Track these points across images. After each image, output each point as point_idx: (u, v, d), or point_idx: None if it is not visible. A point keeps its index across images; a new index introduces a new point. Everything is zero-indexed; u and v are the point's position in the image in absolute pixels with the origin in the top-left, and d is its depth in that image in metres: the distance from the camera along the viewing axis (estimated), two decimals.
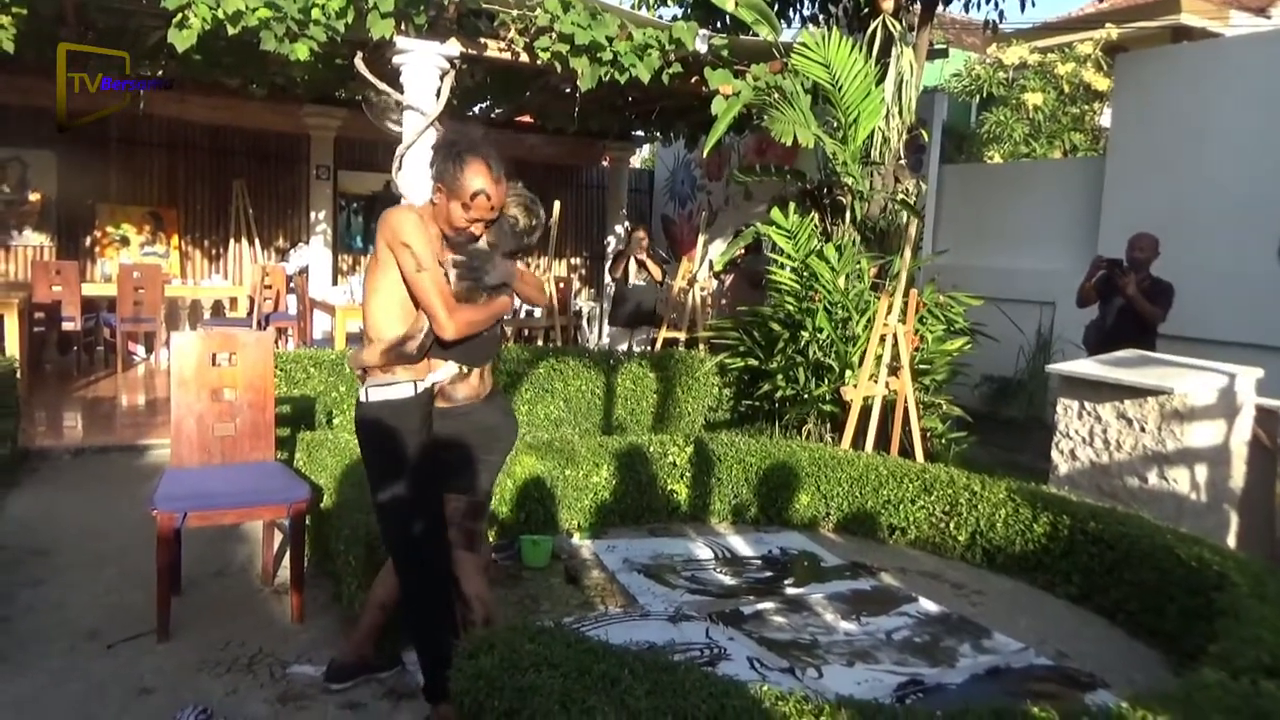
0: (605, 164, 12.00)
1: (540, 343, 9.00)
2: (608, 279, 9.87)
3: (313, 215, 9.97)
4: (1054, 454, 4.60)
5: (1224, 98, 6.37)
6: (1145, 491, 4.19)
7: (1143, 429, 4.19)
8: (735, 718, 1.86)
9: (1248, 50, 6.46)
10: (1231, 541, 4.14)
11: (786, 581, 3.88)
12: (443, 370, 2.65)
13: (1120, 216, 6.80)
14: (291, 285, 8.74)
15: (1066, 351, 6.22)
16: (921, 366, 5.79)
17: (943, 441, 5.76)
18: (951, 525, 4.27)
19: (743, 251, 7.99)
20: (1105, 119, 9.31)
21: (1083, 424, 4.45)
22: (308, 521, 3.60)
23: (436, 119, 5.83)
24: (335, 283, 9.80)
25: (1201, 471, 4.09)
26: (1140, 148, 6.92)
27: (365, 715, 2.65)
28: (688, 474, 4.68)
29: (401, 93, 5.93)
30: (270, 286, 8.47)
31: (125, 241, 9.45)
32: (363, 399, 2.57)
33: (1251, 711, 2.04)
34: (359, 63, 5.93)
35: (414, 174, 5.83)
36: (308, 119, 9.62)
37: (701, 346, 7.20)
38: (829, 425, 5.73)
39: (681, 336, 7.83)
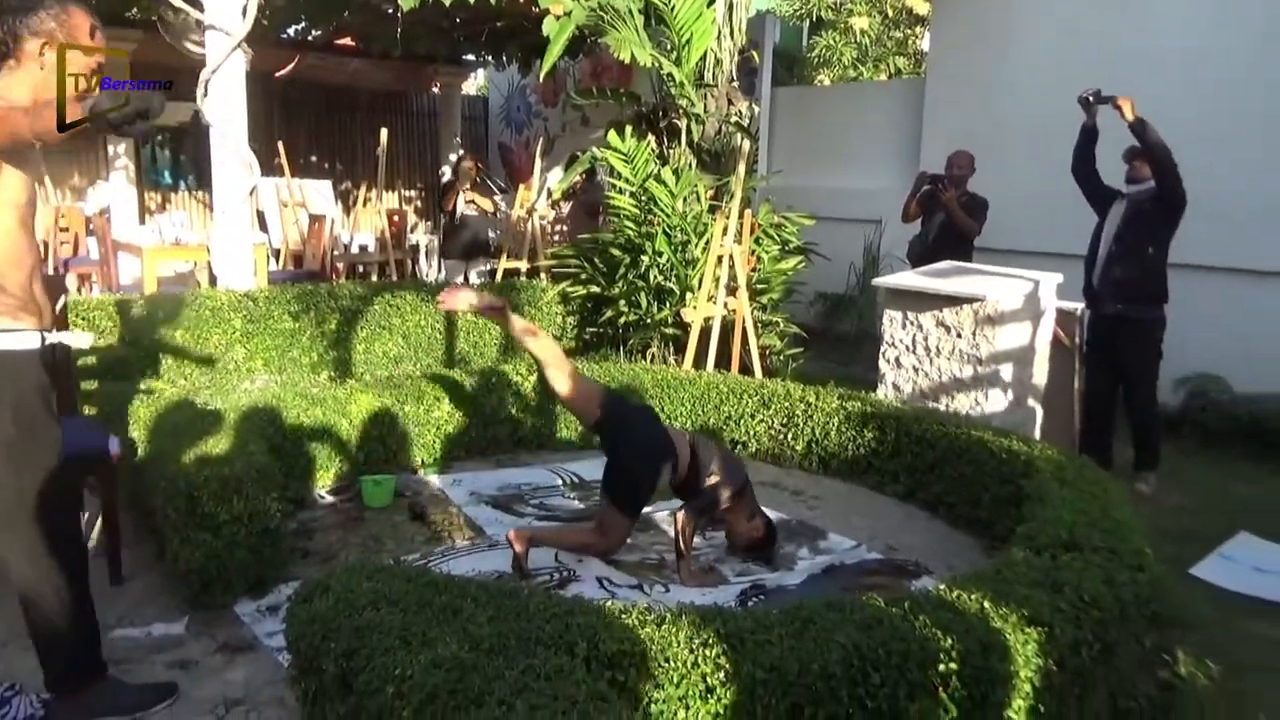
0: (436, 90, 11.53)
1: (375, 278, 8.66)
2: None
3: (110, 149, 9.09)
4: (881, 363, 4.83)
5: (1029, 20, 6.72)
6: (962, 392, 4.49)
7: (959, 335, 4.46)
8: (580, 635, 1.87)
9: None
10: (1037, 434, 4.50)
11: None
12: (76, 335, 2.44)
13: (940, 136, 7.11)
14: (91, 227, 7.98)
15: (894, 267, 6.51)
16: (758, 286, 5.94)
17: (780, 358, 5.97)
18: (789, 436, 4.44)
19: (580, 179, 7.89)
20: (926, 43, 9.67)
21: (906, 333, 4.69)
22: (120, 477, 3.35)
23: (244, 40, 5.38)
24: (142, 222, 9.03)
25: (1011, 371, 4.40)
26: (956, 70, 7.23)
27: (197, 672, 2.51)
28: (533, 403, 4.64)
29: (201, 10, 5.43)
30: (67, 229, 7.72)
31: None
32: None
33: (1051, 582, 2.23)
34: None
35: (223, 100, 5.39)
36: None
37: (543, 275, 7.11)
38: (672, 348, 5.82)
39: (523, 266, 7.71)
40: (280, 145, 8.49)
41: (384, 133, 7.78)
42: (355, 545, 3.36)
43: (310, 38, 9.71)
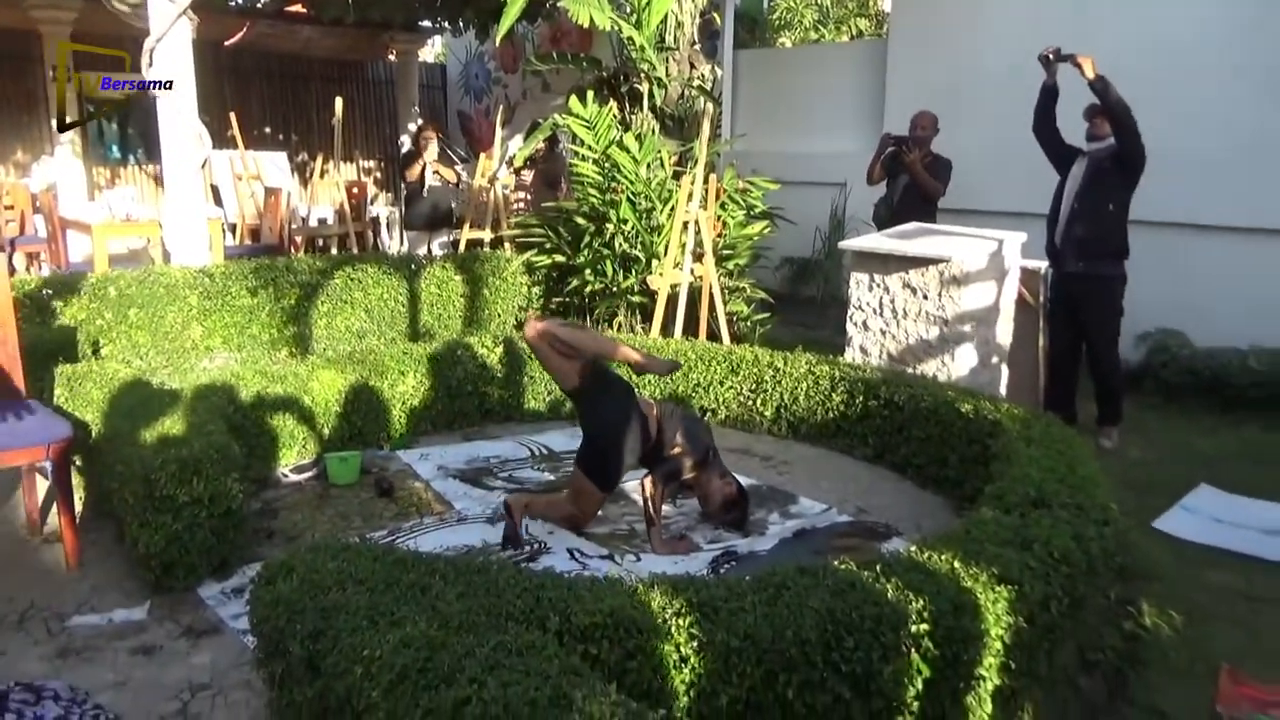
0: (392, 58, 11.26)
1: (335, 251, 8.50)
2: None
3: (55, 123, 8.78)
4: (848, 326, 4.83)
5: None
6: (928, 354, 4.50)
7: (925, 296, 4.46)
8: (551, 608, 1.85)
9: None
10: (1003, 392, 4.53)
11: None
12: None
13: (902, 96, 7.07)
14: (37, 204, 7.73)
15: (859, 230, 6.49)
16: (724, 252, 5.90)
17: (747, 323, 5.95)
18: (758, 402, 4.43)
19: (542, 147, 7.78)
20: (887, 3, 9.61)
21: (873, 295, 4.68)
22: (77, 461, 3.27)
23: (189, 7, 5.19)
24: (91, 198, 8.77)
25: (976, 331, 4.42)
26: (917, 30, 7.19)
27: (161, 658, 2.46)
28: (499, 375, 4.59)
29: None
30: (11, 207, 7.46)
31: None
32: None
33: (1020, 540, 2.24)
34: None
35: (170, 70, 5.20)
36: (35, 12, 8.35)
37: (507, 245, 7.01)
38: (639, 316, 5.78)
39: (486, 236, 7.60)
40: (233, 116, 8.26)
41: (339, 102, 7.59)
42: (321, 524, 3.31)
43: (260, 5, 9.43)
